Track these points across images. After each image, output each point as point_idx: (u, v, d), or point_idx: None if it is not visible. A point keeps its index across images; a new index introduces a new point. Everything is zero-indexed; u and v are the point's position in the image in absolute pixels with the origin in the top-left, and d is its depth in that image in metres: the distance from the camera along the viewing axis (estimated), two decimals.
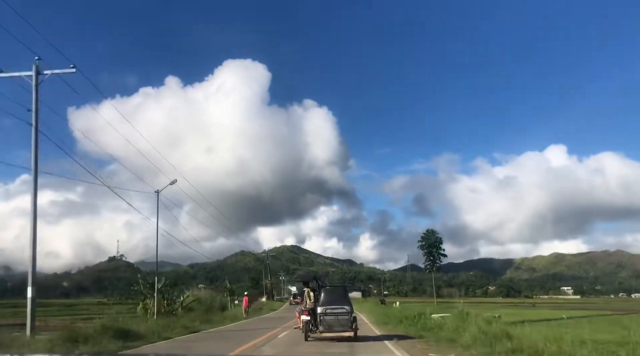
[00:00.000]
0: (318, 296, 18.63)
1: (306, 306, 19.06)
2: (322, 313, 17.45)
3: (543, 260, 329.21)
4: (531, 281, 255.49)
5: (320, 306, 17.66)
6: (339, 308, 17.45)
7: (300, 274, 63.82)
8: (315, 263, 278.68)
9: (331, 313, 17.42)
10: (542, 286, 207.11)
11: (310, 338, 17.81)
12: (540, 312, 51.83)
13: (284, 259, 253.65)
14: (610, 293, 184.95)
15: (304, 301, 20.37)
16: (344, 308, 17.46)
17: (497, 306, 69.62)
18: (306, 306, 19.18)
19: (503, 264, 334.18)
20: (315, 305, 18.48)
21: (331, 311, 17.44)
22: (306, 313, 18.12)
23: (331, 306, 17.51)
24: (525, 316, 35.15)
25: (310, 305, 18.88)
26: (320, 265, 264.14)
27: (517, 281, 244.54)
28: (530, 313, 45.16)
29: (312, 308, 18.47)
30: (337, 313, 17.41)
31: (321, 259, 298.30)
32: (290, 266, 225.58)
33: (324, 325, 17.38)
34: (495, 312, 27.47)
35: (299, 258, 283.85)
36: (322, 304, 17.72)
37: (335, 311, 17.44)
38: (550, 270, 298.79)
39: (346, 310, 17.44)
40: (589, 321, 32.03)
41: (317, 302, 18.25)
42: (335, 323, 17.36)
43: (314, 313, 17.98)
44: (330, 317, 17.40)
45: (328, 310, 17.45)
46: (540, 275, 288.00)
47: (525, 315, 38.86)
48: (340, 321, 17.34)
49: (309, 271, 60.27)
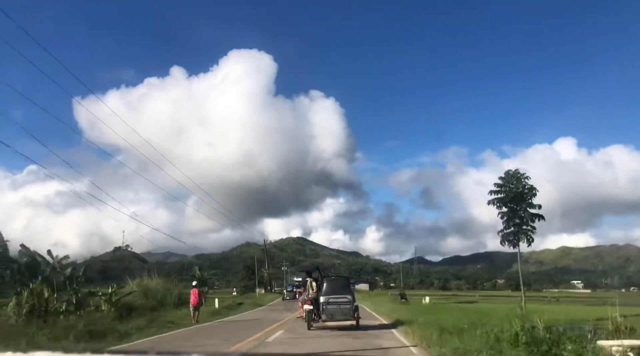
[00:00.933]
0: (320, 285, 19.07)
1: (309, 296, 19.36)
2: (324, 303, 17.94)
3: (551, 254, 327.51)
4: (539, 274, 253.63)
5: (323, 296, 18.13)
6: (342, 298, 17.96)
7: (303, 264, 62.34)
8: (321, 254, 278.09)
9: (334, 303, 17.90)
10: (551, 280, 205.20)
11: (312, 327, 18.16)
12: (577, 308, 41.69)
13: (290, 251, 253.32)
14: (620, 287, 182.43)
15: (306, 290, 20.65)
16: (346, 298, 17.97)
17: (514, 300, 64.13)
18: (309, 295, 19.45)
19: (510, 257, 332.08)
20: (317, 294, 18.83)
21: (334, 301, 17.91)
22: (309, 303, 18.62)
23: (334, 296, 17.99)
24: (573, 313, 28.57)
25: (313, 295, 19.15)
26: (325, 257, 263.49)
27: (524, 275, 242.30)
28: (572, 310, 35.23)
29: (315, 297, 18.78)
30: (340, 303, 17.89)
31: (327, 251, 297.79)
32: (295, 258, 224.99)
33: (327, 314, 17.82)
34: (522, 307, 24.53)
35: (304, 250, 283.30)
36: (325, 293, 18.19)
37: (338, 300, 17.92)
38: (558, 264, 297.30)
39: (348, 299, 17.95)
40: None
41: (320, 292, 18.68)
42: (338, 312, 17.79)
43: (316, 303, 18.44)
44: (332, 306, 17.86)
45: (330, 299, 17.92)
46: (548, 269, 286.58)
47: (571, 312, 30.42)
48: (343, 310, 17.79)
49: (313, 263, 56.62)
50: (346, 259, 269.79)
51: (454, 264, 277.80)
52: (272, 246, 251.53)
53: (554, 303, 61.24)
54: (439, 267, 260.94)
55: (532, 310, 22.42)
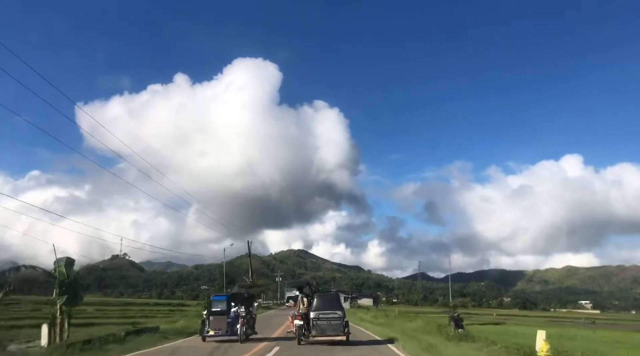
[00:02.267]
0: (311, 301, 18.95)
1: (299, 311, 19.25)
2: (315, 318, 17.91)
3: (556, 273, 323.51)
4: (544, 293, 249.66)
5: (313, 311, 18.08)
6: (332, 313, 17.94)
7: (294, 280, 59.16)
8: (322, 268, 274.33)
9: (324, 318, 17.89)
10: (557, 299, 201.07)
11: (303, 342, 18.01)
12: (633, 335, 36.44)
13: (290, 263, 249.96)
14: (629, 308, 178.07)
15: (297, 306, 20.52)
16: (336, 313, 17.96)
17: (541, 321, 54.39)
18: (299, 311, 19.38)
19: (514, 275, 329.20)
20: (308, 309, 18.73)
21: (324, 316, 17.90)
22: (299, 318, 18.46)
23: (324, 311, 17.98)
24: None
25: (304, 310, 19.11)
26: (327, 270, 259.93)
27: (529, 293, 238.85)
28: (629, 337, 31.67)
29: (305, 312, 18.70)
30: (330, 318, 17.87)
31: (328, 265, 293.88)
32: (296, 271, 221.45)
33: (317, 329, 17.79)
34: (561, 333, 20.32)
35: (305, 263, 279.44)
36: (315, 309, 18.15)
37: (328, 316, 17.90)
38: (564, 283, 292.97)
39: (339, 315, 17.95)
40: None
41: (310, 307, 18.57)
42: (328, 328, 17.78)
43: (307, 318, 18.33)
44: (323, 322, 17.84)
45: (321, 315, 17.92)
46: (553, 288, 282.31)
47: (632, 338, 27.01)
48: (333, 325, 17.78)
49: (304, 279, 51.48)
50: (347, 273, 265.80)
51: (457, 281, 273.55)
52: (272, 258, 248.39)
53: (591, 327, 53.19)
54: (442, 284, 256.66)
55: (609, 337, 18.38)
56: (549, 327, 27.20)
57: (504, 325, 46.14)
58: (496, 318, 67.62)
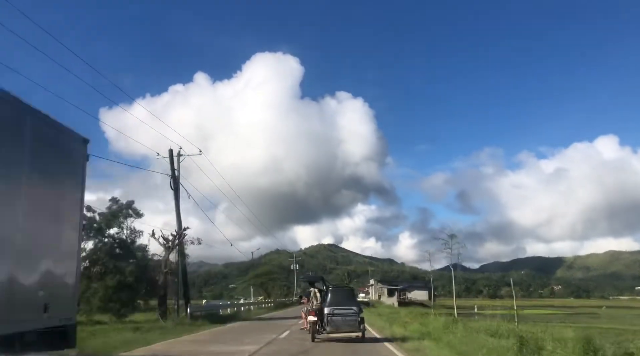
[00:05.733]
0: (325, 296, 18.67)
1: (313, 307, 18.95)
2: (329, 314, 17.51)
3: (597, 259, 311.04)
4: (587, 280, 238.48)
5: (328, 307, 17.66)
6: (347, 309, 17.56)
7: (307, 274, 55.45)
8: (353, 261, 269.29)
9: (339, 314, 17.50)
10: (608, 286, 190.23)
11: (317, 338, 17.59)
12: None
13: (321, 258, 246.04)
14: None
15: (310, 301, 20.07)
16: (351, 309, 17.60)
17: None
18: (313, 306, 19.03)
19: (552, 263, 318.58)
20: (322, 305, 18.34)
21: (339, 312, 17.51)
22: (313, 314, 18.16)
23: (338, 307, 17.55)
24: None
25: (317, 306, 18.75)
26: (359, 264, 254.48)
27: (571, 280, 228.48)
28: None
29: (319, 308, 18.34)
30: (345, 314, 17.50)
31: (360, 259, 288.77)
32: (327, 265, 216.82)
33: (332, 325, 17.44)
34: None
35: (336, 257, 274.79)
36: (330, 304, 17.72)
37: (343, 311, 17.51)
38: (607, 269, 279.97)
39: (354, 310, 17.58)
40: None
41: (324, 302, 18.21)
42: (343, 324, 17.45)
43: (321, 314, 17.92)
44: (337, 318, 17.50)
45: (335, 311, 17.51)
46: (596, 274, 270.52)
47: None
48: (348, 321, 17.44)
49: (316, 274, 47.37)
50: (380, 266, 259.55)
51: (494, 271, 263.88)
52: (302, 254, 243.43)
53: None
54: (480, 274, 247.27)
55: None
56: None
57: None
58: (605, 310, 57.76)
